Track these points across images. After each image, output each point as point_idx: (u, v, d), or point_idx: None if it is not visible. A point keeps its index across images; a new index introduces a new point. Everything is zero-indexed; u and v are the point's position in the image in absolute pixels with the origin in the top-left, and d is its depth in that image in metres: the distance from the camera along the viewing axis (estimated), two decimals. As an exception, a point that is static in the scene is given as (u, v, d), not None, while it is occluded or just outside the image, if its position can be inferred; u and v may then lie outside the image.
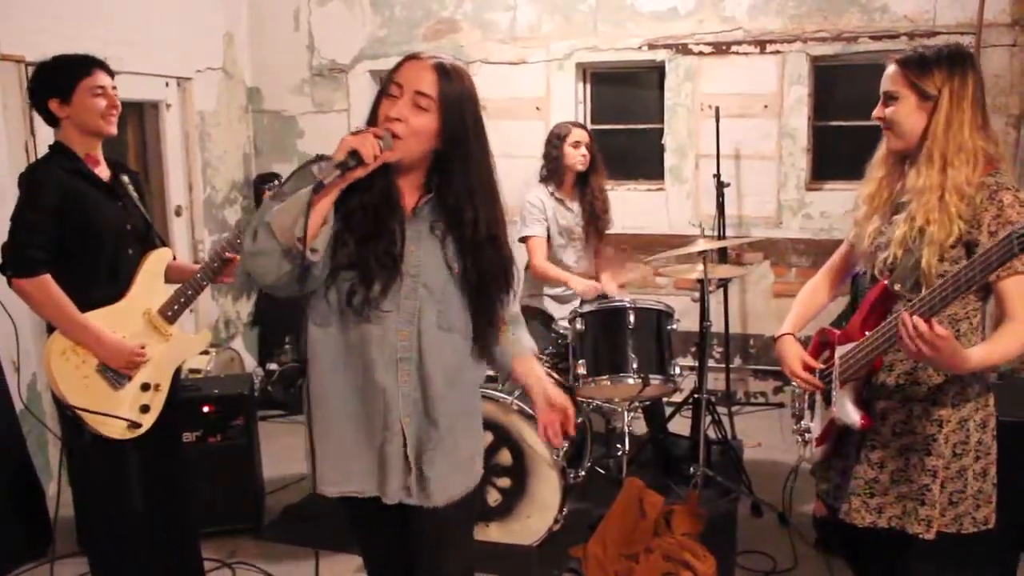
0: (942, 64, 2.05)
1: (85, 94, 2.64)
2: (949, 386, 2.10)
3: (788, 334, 2.40)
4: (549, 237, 4.18)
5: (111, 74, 2.74)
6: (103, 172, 2.75)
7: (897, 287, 2.09)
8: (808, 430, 2.40)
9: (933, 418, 2.10)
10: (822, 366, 2.32)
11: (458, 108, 1.85)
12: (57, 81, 2.65)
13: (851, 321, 2.23)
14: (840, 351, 2.23)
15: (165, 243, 2.95)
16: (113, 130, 2.72)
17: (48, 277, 2.55)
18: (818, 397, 2.37)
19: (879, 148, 2.26)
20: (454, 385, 1.97)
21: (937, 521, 2.10)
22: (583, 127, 4.24)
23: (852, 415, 2.16)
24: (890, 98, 2.12)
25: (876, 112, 2.17)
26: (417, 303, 1.90)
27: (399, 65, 1.87)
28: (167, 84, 4.98)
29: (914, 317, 1.87)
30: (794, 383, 2.42)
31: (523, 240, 4.10)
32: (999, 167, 2.05)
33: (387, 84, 1.86)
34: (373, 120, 1.87)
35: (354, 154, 1.75)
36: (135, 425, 2.70)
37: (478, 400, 2.15)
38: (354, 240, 1.85)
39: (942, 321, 1.96)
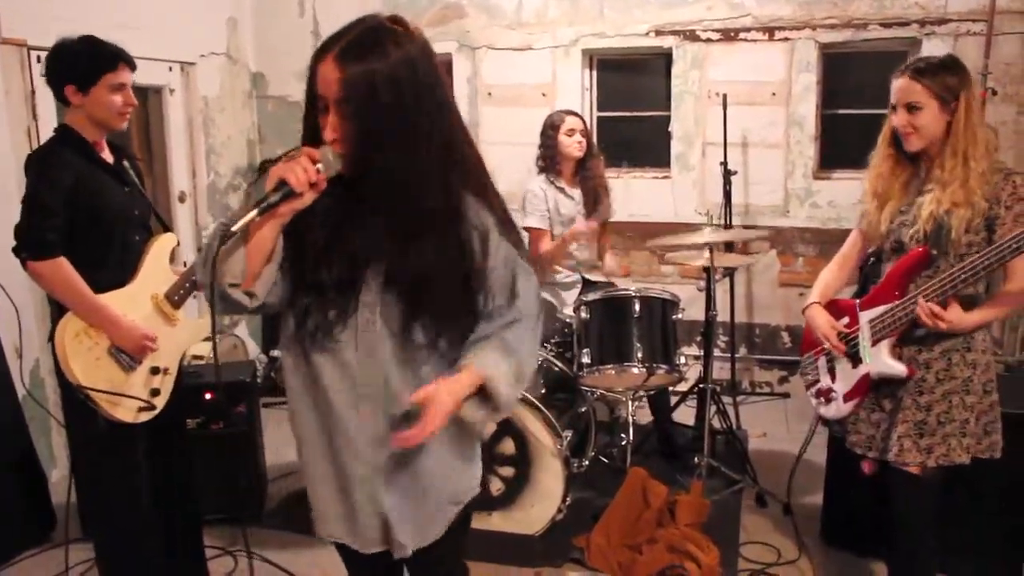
0: (955, 73, 2.37)
1: (104, 89, 2.61)
2: (978, 334, 2.46)
3: (816, 303, 2.74)
4: (551, 226, 4.17)
5: (134, 69, 2.71)
6: (107, 157, 2.74)
7: (935, 252, 2.42)
8: (832, 389, 2.72)
9: (968, 362, 2.45)
10: (847, 331, 2.64)
11: (366, 99, 1.54)
12: (79, 68, 2.60)
13: (879, 288, 2.56)
14: (869, 314, 2.57)
15: (169, 228, 2.94)
16: (124, 126, 2.72)
17: (63, 259, 2.53)
18: (839, 359, 2.69)
19: (881, 140, 2.56)
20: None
21: (974, 448, 2.47)
22: (576, 114, 4.22)
23: (896, 367, 2.49)
24: (913, 107, 2.39)
25: (899, 121, 2.43)
26: (374, 336, 1.69)
27: (312, 71, 1.59)
28: (171, 69, 4.95)
29: (930, 304, 2.35)
30: (804, 356, 2.87)
31: (525, 230, 4.10)
32: (997, 155, 2.45)
33: (312, 97, 1.62)
34: (312, 137, 1.62)
35: (281, 185, 1.54)
36: (148, 408, 2.70)
37: (461, 438, 1.84)
38: (312, 257, 1.67)
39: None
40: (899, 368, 2.49)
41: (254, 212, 1.54)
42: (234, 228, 1.53)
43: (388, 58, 1.56)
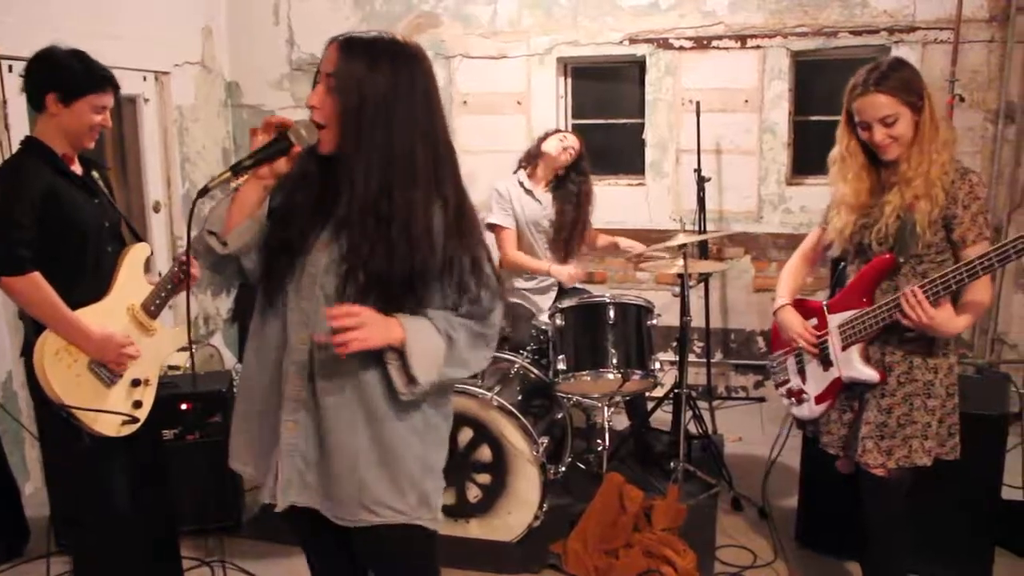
0: (917, 78, 2.42)
1: (86, 106, 2.59)
2: (939, 339, 2.48)
3: (787, 304, 2.78)
4: (519, 229, 4.18)
5: (118, 93, 2.71)
6: (76, 169, 2.72)
7: (900, 259, 2.45)
8: (803, 391, 2.76)
9: (930, 367, 2.49)
10: (816, 333, 2.68)
11: (352, 88, 1.71)
12: (68, 79, 2.58)
13: (845, 292, 2.60)
14: (838, 319, 2.61)
15: (142, 238, 2.93)
16: (91, 145, 2.71)
17: (38, 274, 2.51)
18: (809, 361, 2.73)
19: (842, 154, 2.61)
20: (354, 407, 1.81)
21: (936, 451, 2.51)
22: (578, 137, 4.24)
23: (867, 371, 2.53)
24: (891, 121, 2.40)
25: (878, 137, 2.42)
26: (313, 305, 1.79)
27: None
28: (144, 78, 4.93)
29: (917, 292, 2.32)
30: (773, 355, 2.94)
31: (489, 228, 4.12)
32: (955, 148, 2.49)
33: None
34: None
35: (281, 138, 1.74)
36: (132, 421, 2.68)
37: (406, 436, 1.85)
38: (277, 219, 1.83)
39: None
40: (871, 373, 2.53)
41: (227, 172, 1.76)
42: (210, 185, 1.74)
43: (388, 54, 1.74)
